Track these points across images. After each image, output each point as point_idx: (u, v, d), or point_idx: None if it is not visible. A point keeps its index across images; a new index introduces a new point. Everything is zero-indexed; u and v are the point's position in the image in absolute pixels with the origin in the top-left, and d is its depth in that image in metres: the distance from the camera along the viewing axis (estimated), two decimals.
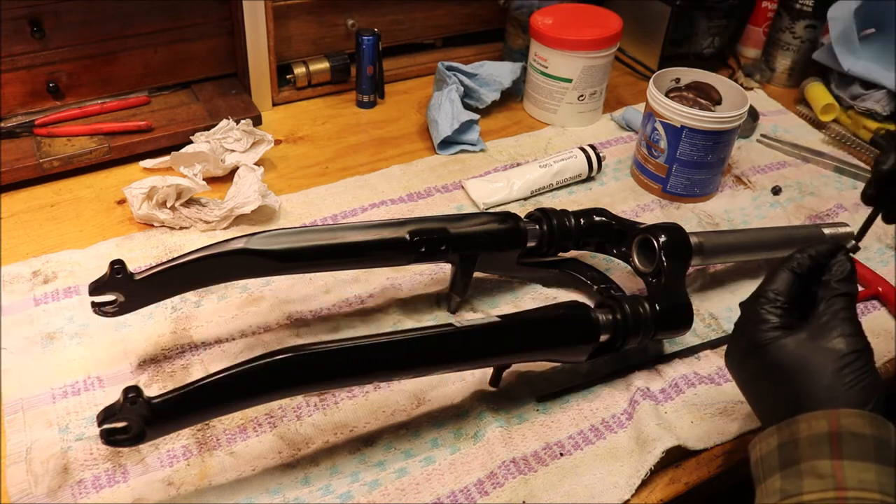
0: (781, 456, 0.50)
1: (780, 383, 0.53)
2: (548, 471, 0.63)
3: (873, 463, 0.46)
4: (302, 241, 0.67)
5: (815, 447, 0.48)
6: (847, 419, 0.48)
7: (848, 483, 0.46)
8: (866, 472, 0.46)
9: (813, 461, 0.48)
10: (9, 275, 0.77)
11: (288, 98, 1.08)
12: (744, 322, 0.57)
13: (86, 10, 0.90)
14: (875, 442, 0.47)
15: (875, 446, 0.47)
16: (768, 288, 0.56)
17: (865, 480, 0.46)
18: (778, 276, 0.57)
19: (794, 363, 0.52)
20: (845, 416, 0.48)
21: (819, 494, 0.46)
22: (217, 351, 0.71)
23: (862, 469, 0.46)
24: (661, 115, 0.90)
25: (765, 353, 0.54)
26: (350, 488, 0.61)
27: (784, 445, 0.50)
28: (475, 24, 1.18)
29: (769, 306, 0.55)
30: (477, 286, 0.79)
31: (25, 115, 0.92)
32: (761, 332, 0.54)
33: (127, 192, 0.84)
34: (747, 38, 1.23)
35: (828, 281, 0.55)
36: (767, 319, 0.55)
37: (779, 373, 0.53)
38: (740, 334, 0.57)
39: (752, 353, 0.55)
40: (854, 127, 1.08)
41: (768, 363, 0.54)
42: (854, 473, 0.46)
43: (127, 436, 0.52)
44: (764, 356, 0.54)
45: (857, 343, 0.52)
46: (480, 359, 0.63)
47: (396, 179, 0.94)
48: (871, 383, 0.50)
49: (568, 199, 0.94)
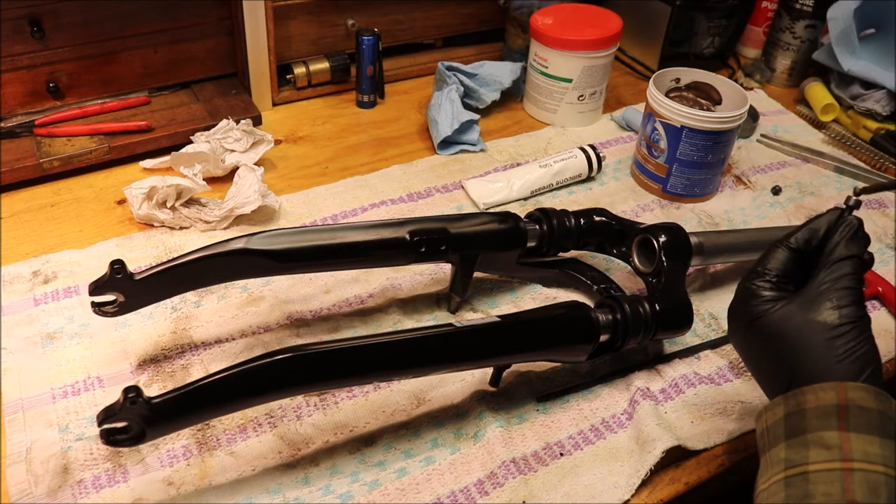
0: (787, 426, 0.50)
1: (776, 356, 0.53)
2: (548, 471, 0.63)
3: (877, 436, 0.47)
4: (302, 241, 0.67)
5: (822, 418, 0.48)
6: (854, 392, 0.48)
7: (854, 455, 0.46)
8: (871, 445, 0.46)
9: (820, 432, 0.48)
10: (9, 275, 0.77)
11: (288, 98, 1.08)
12: (737, 298, 0.57)
13: (86, 10, 0.90)
14: (879, 416, 0.47)
15: (879, 420, 0.47)
16: (760, 265, 0.57)
17: (870, 453, 0.46)
18: (771, 252, 0.57)
19: (786, 336, 0.52)
20: (852, 390, 0.48)
21: (825, 465, 0.46)
22: (217, 351, 0.71)
23: (867, 442, 0.46)
24: (661, 115, 0.90)
25: (759, 326, 0.54)
26: (350, 488, 0.61)
27: (790, 415, 0.50)
28: (475, 24, 1.18)
29: (759, 281, 0.55)
30: (477, 286, 0.79)
31: (25, 115, 0.92)
32: (752, 307, 0.55)
33: (127, 192, 0.84)
34: (747, 38, 1.23)
35: (830, 250, 0.55)
36: (758, 294, 0.55)
37: (773, 346, 0.53)
38: (735, 309, 0.58)
39: (748, 328, 0.55)
40: (854, 127, 1.08)
41: (763, 336, 0.54)
42: (860, 445, 0.46)
43: (127, 436, 0.52)
44: (758, 329, 0.54)
45: (849, 314, 0.51)
46: (480, 359, 0.63)
47: (396, 179, 0.94)
48: (864, 354, 0.50)
49: (568, 199, 0.94)
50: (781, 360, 0.53)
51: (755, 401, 0.69)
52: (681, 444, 0.64)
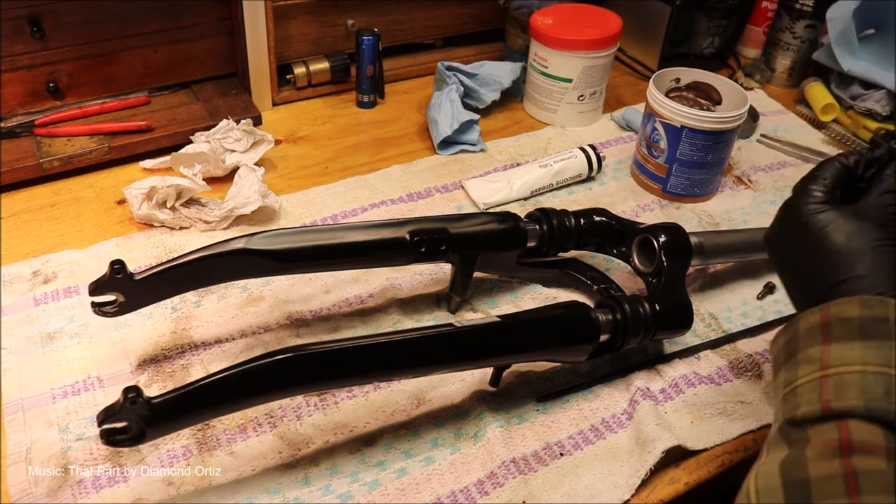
0: (786, 351, 0.53)
1: (822, 260, 0.54)
2: (548, 471, 0.63)
3: (858, 340, 0.48)
4: (302, 241, 0.67)
5: (808, 337, 0.51)
6: (836, 307, 0.50)
7: (831, 362, 0.49)
8: (850, 350, 0.48)
9: (806, 350, 0.51)
10: (9, 275, 0.77)
11: (288, 98, 1.08)
12: (792, 199, 0.58)
13: (86, 10, 0.90)
14: (860, 322, 0.49)
15: (860, 325, 0.49)
16: (817, 172, 0.58)
17: (847, 357, 0.48)
18: (826, 164, 0.58)
19: (837, 238, 0.53)
20: (835, 305, 0.51)
21: (808, 377, 0.49)
22: (217, 351, 0.71)
23: (846, 348, 0.49)
24: (661, 115, 0.90)
25: (810, 224, 0.55)
26: (350, 488, 0.61)
27: (788, 342, 0.53)
28: (475, 24, 1.18)
29: (817, 184, 0.57)
30: (477, 286, 0.79)
31: (25, 115, 0.93)
32: (808, 205, 0.56)
33: (127, 192, 0.84)
34: (747, 38, 1.23)
35: (874, 175, 0.57)
36: (815, 195, 0.56)
37: (821, 248, 0.54)
38: (787, 207, 0.58)
39: (798, 227, 0.56)
40: (854, 127, 1.08)
41: (812, 237, 0.55)
42: (838, 353, 0.49)
43: (127, 436, 0.52)
44: (809, 229, 0.55)
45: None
46: (480, 359, 0.63)
47: (396, 179, 0.94)
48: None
49: (568, 199, 0.94)
50: (827, 260, 0.54)
51: (755, 401, 0.69)
52: (681, 444, 0.64)
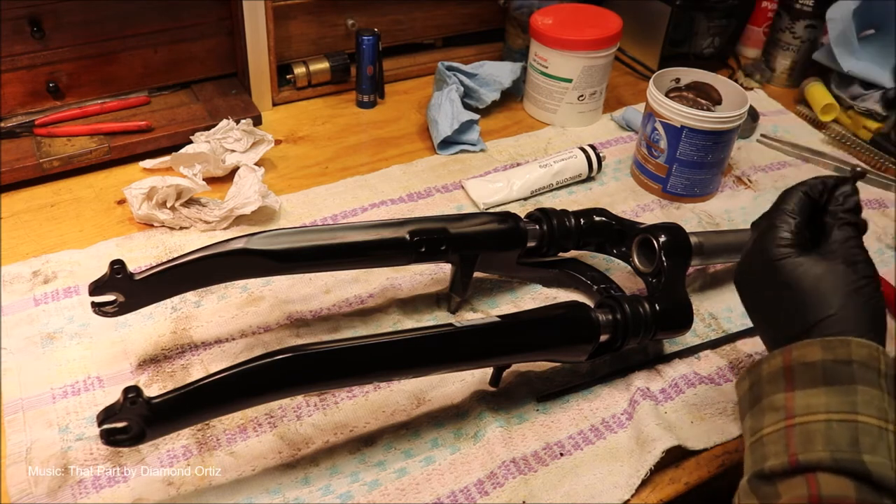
0: (750, 397, 0.52)
1: (793, 302, 0.54)
2: (548, 471, 0.63)
3: (822, 387, 0.48)
4: (302, 241, 0.67)
5: (772, 383, 0.51)
6: (798, 351, 0.50)
7: (796, 411, 0.48)
8: (815, 397, 0.48)
9: (770, 396, 0.50)
10: (9, 275, 0.77)
11: (288, 98, 1.08)
12: (760, 238, 0.57)
13: (86, 10, 0.90)
14: (823, 366, 0.49)
15: (823, 370, 0.49)
16: (783, 206, 0.57)
17: (812, 405, 0.48)
18: (791, 196, 0.57)
19: (807, 281, 0.53)
20: (796, 349, 0.50)
21: (774, 426, 0.49)
22: (217, 351, 0.71)
23: (811, 395, 0.48)
24: (661, 115, 0.90)
25: (780, 268, 0.54)
26: (350, 488, 0.61)
27: (752, 386, 0.52)
28: (475, 24, 1.18)
29: (785, 224, 0.56)
30: (477, 286, 0.79)
31: (25, 115, 0.92)
32: (777, 248, 0.55)
33: (127, 192, 0.84)
34: (747, 38, 1.23)
35: (836, 211, 0.56)
36: (783, 236, 0.55)
37: (792, 291, 0.54)
38: (756, 250, 0.57)
39: (768, 270, 0.55)
40: (854, 127, 1.08)
41: (781, 280, 0.54)
42: (803, 401, 0.48)
43: (127, 436, 0.52)
44: (778, 272, 0.54)
45: (867, 269, 0.53)
46: (480, 359, 0.63)
47: (396, 179, 0.94)
48: (879, 307, 0.52)
49: (568, 199, 0.94)
50: (799, 305, 0.53)
51: None
52: (681, 444, 0.64)
